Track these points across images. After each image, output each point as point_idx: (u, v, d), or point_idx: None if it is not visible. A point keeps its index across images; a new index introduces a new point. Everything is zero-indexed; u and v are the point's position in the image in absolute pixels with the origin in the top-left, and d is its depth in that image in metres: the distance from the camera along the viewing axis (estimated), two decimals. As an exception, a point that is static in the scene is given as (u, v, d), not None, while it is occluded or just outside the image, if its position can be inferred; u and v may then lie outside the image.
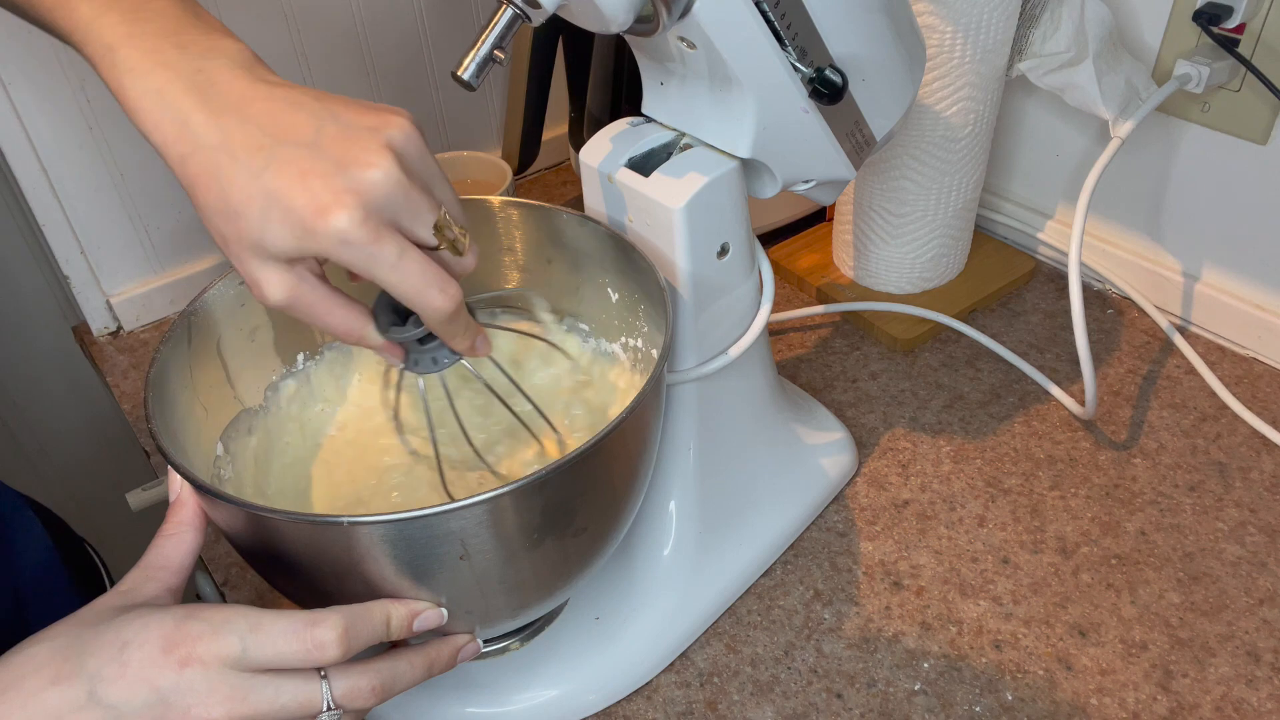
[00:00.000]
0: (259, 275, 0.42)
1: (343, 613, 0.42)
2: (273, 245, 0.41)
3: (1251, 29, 0.71)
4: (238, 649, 0.39)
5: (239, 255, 0.42)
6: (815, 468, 0.69)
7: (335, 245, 0.41)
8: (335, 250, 0.41)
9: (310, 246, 0.41)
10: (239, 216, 0.41)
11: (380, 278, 0.42)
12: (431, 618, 0.45)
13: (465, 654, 0.48)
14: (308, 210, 0.40)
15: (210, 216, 0.42)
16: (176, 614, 0.40)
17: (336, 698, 0.41)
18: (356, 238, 0.40)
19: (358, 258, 0.41)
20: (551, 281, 0.60)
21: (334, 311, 0.44)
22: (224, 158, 0.41)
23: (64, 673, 0.38)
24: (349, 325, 0.45)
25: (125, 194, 0.86)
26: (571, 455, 0.43)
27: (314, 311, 0.44)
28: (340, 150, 0.41)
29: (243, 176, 0.41)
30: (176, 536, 0.45)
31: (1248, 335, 0.79)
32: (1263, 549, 0.65)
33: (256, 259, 0.42)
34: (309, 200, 0.40)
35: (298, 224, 0.40)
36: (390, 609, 0.44)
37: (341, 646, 0.41)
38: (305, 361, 0.60)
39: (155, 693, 0.38)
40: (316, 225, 0.40)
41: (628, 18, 0.47)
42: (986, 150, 0.80)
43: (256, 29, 0.84)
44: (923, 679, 0.59)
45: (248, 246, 0.42)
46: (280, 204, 0.40)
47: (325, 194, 0.40)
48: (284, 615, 0.41)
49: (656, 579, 0.61)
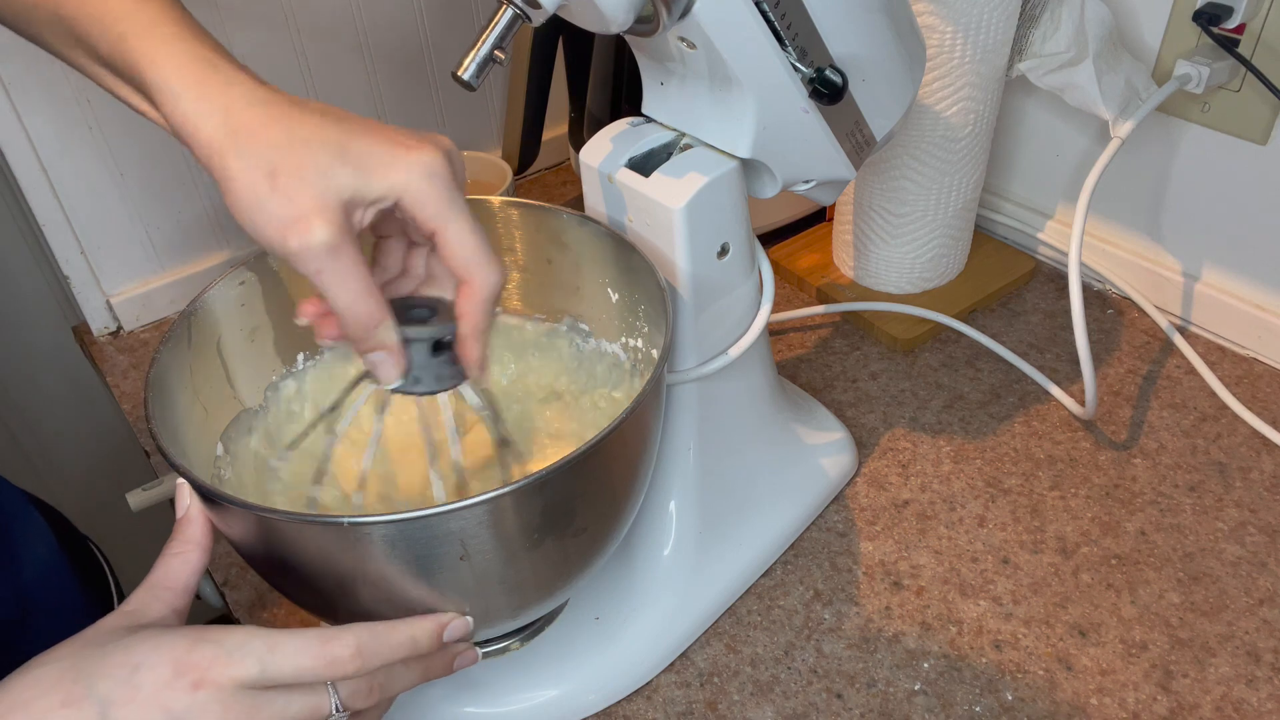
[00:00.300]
0: (310, 208, 0.40)
1: (358, 629, 0.42)
2: (342, 179, 0.40)
3: (1251, 29, 0.71)
4: (256, 670, 0.39)
5: (290, 187, 0.40)
6: (815, 468, 0.69)
7: (421, 175, 0.41)
8: (418, 181, 0.41)
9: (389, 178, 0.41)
10: (306, 148, 0.40)
11: (454, 224, 0.42)
12: (459, 627, 0.45)
13: (461, 662, 0.48)
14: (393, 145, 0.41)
15: (258, 151, 0.40)
16: (189, 636, 0.40)
17: (342, 699, 0.41)
18: (442, 171, 0.41)
19: (440, 192, 0.41)
20: (551, 281, 0.60)
21: (365, 284, 0.42)
22: (288, 106, 0.42)
23: (74, 695, 0.38)
24: (371, 308, 0.42)
25: (125, 194, 0.86)
26: (571, 455, 0.43)
27: (347, 274, 0.41)
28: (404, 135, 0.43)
29: (314, 119, 0.41)
30: (183, 556, 0.44)
31: (1248, 335, 0.79)
32: (1263, 549, 0.65)
33: (312, 191, 0.40)
34: (393, 140, 0.41)
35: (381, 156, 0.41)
36: (414, 628, 0.43)
37: (357, 662, 0.41)
38: (305, 361, 0.59)
39: (168, 715, 0.38)
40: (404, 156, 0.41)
41: (628, 18, 0.47)
42: (986, 150, 0.80)
43: (257, 29, 0.85)
44: (923, 679, 0.59)
45: (308, 176, 0.40)
46: (361, 142, 0.41)
47: (409, 139, 0.41)
48: (298, 634, 0.41)
49: (656, 579, 0.61)
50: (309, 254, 0.40)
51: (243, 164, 0.40)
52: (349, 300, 0.42)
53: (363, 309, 0.42)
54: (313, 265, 0.40)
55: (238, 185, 0.40)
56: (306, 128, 0.41)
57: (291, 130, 0.41)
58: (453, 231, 0.42)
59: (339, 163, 0.40)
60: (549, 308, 0.62)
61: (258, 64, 0.48)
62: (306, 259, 0.40)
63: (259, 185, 0.40)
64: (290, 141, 0.40)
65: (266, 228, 0.40)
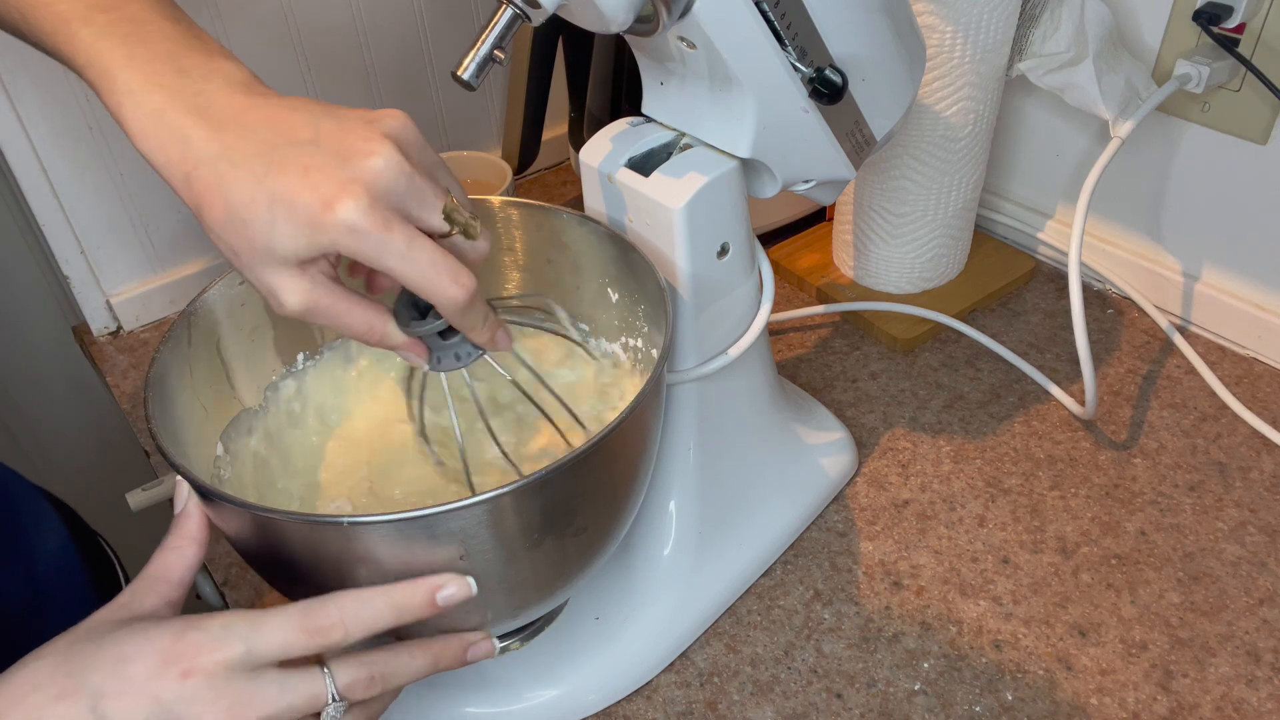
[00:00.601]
0: (274, 283, 0.42)
1: (342, 596, 0.42)
2: (283, 248, 0.41)
3: (1251, 29, 0.70)
4: (241, 650, 0.39)
5: (251, 266, 0.42)
6: (815, 468, 0.69)
7: (345, 236, 0.40)
8: (345, 241, 0.41)
9: (320, 242, 0.41)
10: (246, 224, 0.41)
11: (392, 268, 0.42)
12: (458, 591, 0.43)
13: (477, 653, 0.47)
14: (314, 205, 0.40)
15: (219, 232, 0.42)
16: (175, 626, 0.40)
17: (340, 688, 0.41)
18: (364, 225, 0.40)
19: (368, 247, 0.41)
20: (551, 281, 0.60)
21: (353, 311, 0.44)
22: (225, 166, 0.41)
23: (67, 689, 0.38)
24: (369, 325, 0.45)
25: (125, 194, 0.86)
26: (571, 455, 0.43)
27: (333, 314, 0.43)
28: (339, 143, 0.41)
29: (245, 182, 0.41)
30: (179, 550, 0.45)
31: (1248, 335, 0.79)
32: (1263, 549, 0.65)
33: (269, 266, 0.41)
34: (314, 195, 0.40)
35: (305, 220, 0.40)
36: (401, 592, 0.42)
37: (341, 630, 0.41)
38: (305, 361, 0.60)
39: (158, 706, 0.38)
40: (324, 218, 0.40)
41: (628, 18, 0.47)
42: (986, 150, 0.80)
43: (256, 29, 0.84)
44: (923, 679, 0.59)
45: (259, 254, 0.41)
46: (285, 203, 0.40)
47: (329, 186, 0.40)
48: (281, 609, 0.41)
49: (656, 579, 0.61)
50: (295, 313, 0.43)
51: (216, 241, 0.43)
52: (348, 329, 0.44)
53: (362, 328, 0.44)
54: (305, 317, 0.43)
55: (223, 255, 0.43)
56: (240, 195, 0.41)
57: (230, 200, 0.41)
58: (395, 273, 0.42)
59: (273, 233, 0.41)
60: (549, 308, 0.62)
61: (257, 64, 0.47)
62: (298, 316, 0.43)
63: (233, 262, 0.43)
64: (232, 218, 0.41)
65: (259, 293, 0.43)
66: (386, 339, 0.45)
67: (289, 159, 0.41)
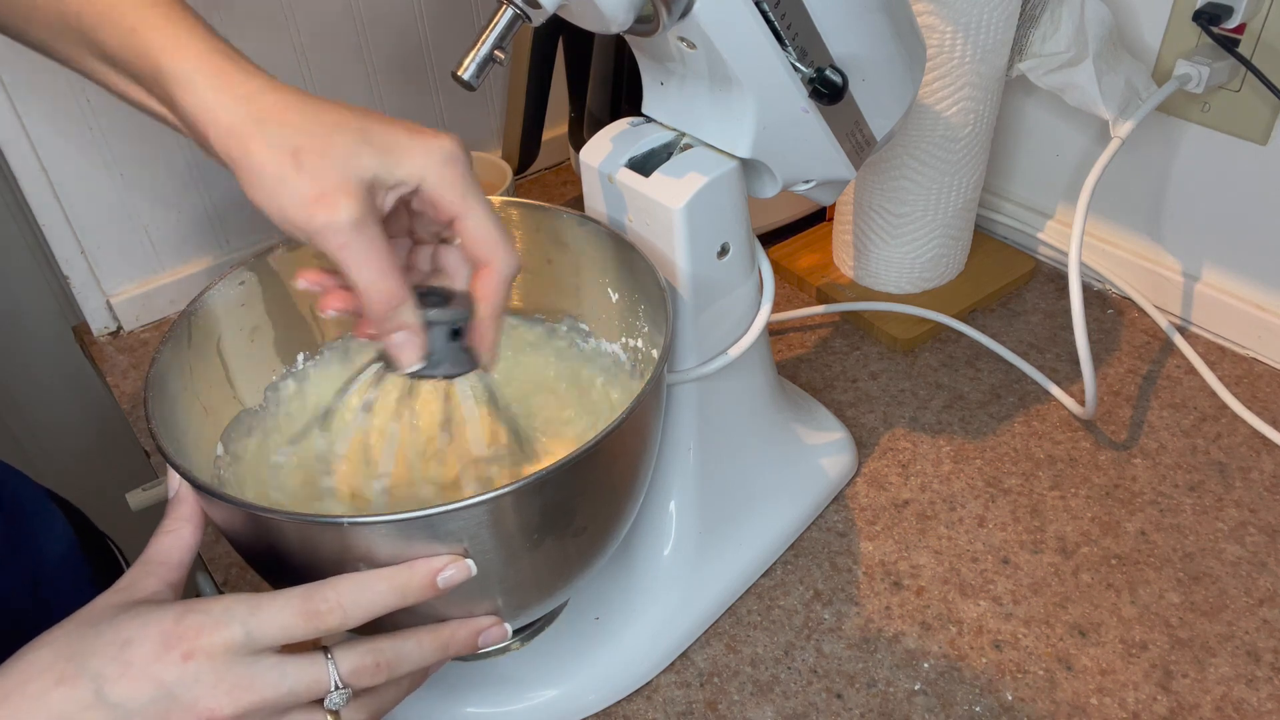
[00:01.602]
0: (335, 186, 0.41)
1: (341, 580, 0.41)
2: (365, 160, 0.41)
3: (1251, 29, 0.71)
4: (241, 634, 0.39)
5: (315, 167, 0.41)
6: (815, 468, 0.69)
7: (441, 161, 0.42)
8: (439, 167, 0.42)
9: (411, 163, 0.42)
10: (329, 132, 0.41)
11: (474, 208, 0.43)
12: (458, 572, 0.42)
13: (489, 638, 0.46)
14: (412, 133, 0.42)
15: (283, 134, 0.41)
16: (176, 609, 0.40)
17: (343, 675, 0.41)
18: (461, 157, 0.43)
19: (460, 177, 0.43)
20: (551, 281, 0.60)
21: (389, 262, 0.42)
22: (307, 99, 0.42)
23: (68, 674, 0.38)
24: (394, 288, 0.43)
25: (125, 194, 0.86)
26: (571, 455, 0.43)
27: (370, 252, 0.41)
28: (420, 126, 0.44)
29: (334, 110, 0.42)
30: (175, 533, 0.45)
31: (1248, 335, 0.79)
32: (1263, 549, 0.65)
33: (337, 171, 0.41)
34: (412, 129, 0.42)
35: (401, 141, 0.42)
36: (403, 575, 0.42)
37: (339, 614, 0.41)
38: (305, 361, 0.60)
39: (160, 688, 0.38)
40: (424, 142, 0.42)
41: (628, 18, 0.47)
42: (986, 150, 0.80)
43: (256, 29, 0.85)
44: (923, 679, 0.59)
45: (332, 158, 0.41)
46: (381, 128, 0.42)
47: (426, 129, 0.43)
48: (282, 593, 0.41)
49: (656, 579, 0.61)
50: (334, 229, 0.41)
51: (267, 146, 0.41)
52: (372, 278, 0.42)
53: (386, 287, 0.42)
54: (337, 240, 0.41)
55: (261, 167, 0.41)
56: (329, 114, 0.42)
57: (314, 116, 0.42)
58: (474, 215, 0.44)
59: (363, 146, 0.42)
60: (549, 308, 0.62)
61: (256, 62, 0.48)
62: (331, 234, 0.41)
63: (284, 166, 0.41)
64: (313, 126, 0.41)
65: (290, 206, 0.41)
66: (400, 313, 0.43)
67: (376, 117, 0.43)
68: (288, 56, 0.87)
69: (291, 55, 0.88)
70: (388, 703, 0.45)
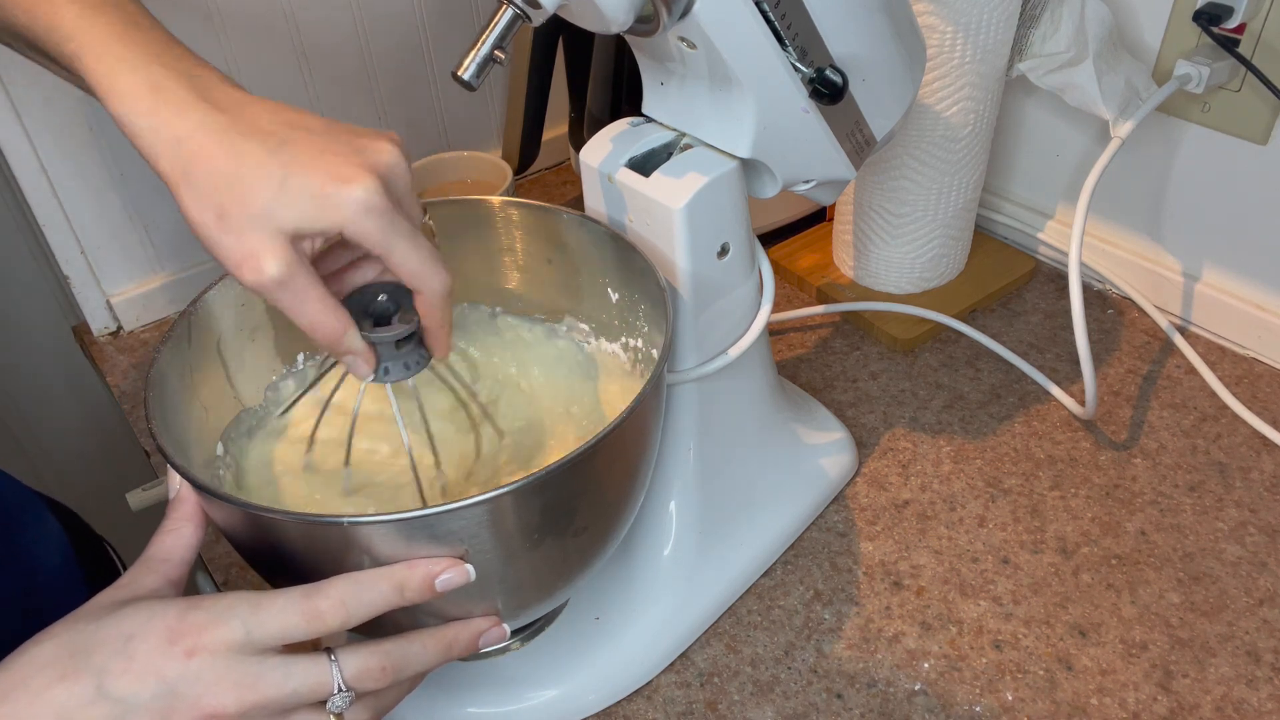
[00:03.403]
0: (258, 247, 0.41)
1: (341, 580, 0.42)
2: (284, 217, 0.41)
3: (1251, 29, 0.71)
4: (241, 633, 0.39)
5: (239, 227, 0.41)
6: (815, 468, 0.69)
7: (357, 214, 0.41)
8: (356, 220, 0.42)
9: (329, 218, 0.42)
10: (249, 186, 0.41)
11: (395, 250, 0.43)
12: (456, 576, 0.43)
13: (489, 638, 0.47)
14: (330, 180, 0.41)
15: (207, 192, 0.42)
16: (179, 605, 0.40)
17: (347, 678, 0.41)
18: (379, 205, 0.42)
19: (378, 227, 0.42)
20: (551, 281, 0.60)
21: (324, 302, 0.44)
22: (234, 136, 0.42)
23: (70, 669, 0.38)
24: (334, 323, 0.44)
25: (125, 194, 0.86)
26: (571, 455, 0.43)
27: (304, 297, 0.43)
28: (350, 135, 0.43)
29: (257, 150, 0.42)
30: (176, 531, 0.45)
31: (1248, 335, 0.79)
32: (1263, 549, 0.65)
33: (259, 231, 0.41)
34: (330, 172, 0.41)
35: (318, 194, 0.41)
36: (402, 574, 0.42)
37: (340, 614, 0.41)
38: (305, 361, 0.59)
39: (163, 684, 0.38)
40: (340, 194, 0.41)
41: (628, 18, 0.47)
42: (986, 150, 0.80)
43: (255, 29, 0.84)
44: (923, 679, 0.59)
45: (253, 217, 0.41)
46: (299, 175, 0.41)
47: (346, 167, 0.42)
48: (283, 592, 0.41)
49: (656, 579, 0.61)
50: (264, 287, 0.42)
51: (194, 203, 0.42)
52: (311, 320, 0.44)
53: (325, 325, 0.44)
54: (272, 295, 0.42)
55: (193, 223, 0.42)
56: (250, 160, 0.42)
57: (238, 162, 0.42)
58: (396, 255, 0.44)
59: (283, 197, 0.41)
60: (549, 308, 0.62)
61: (257, 63, 0.48)
62: (265, 290, 0.42)
63: (210, 225, 0.42)
64: (235, 179, 0.41)
65: (224, 262, 0.43)
66: (345, 341, 0.45)
67: (302, 140, 0.42)
68: (288, 57, 0.87)
69: (291, 56, 0.88)
70: (389, 704, 0.45)
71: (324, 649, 0.41)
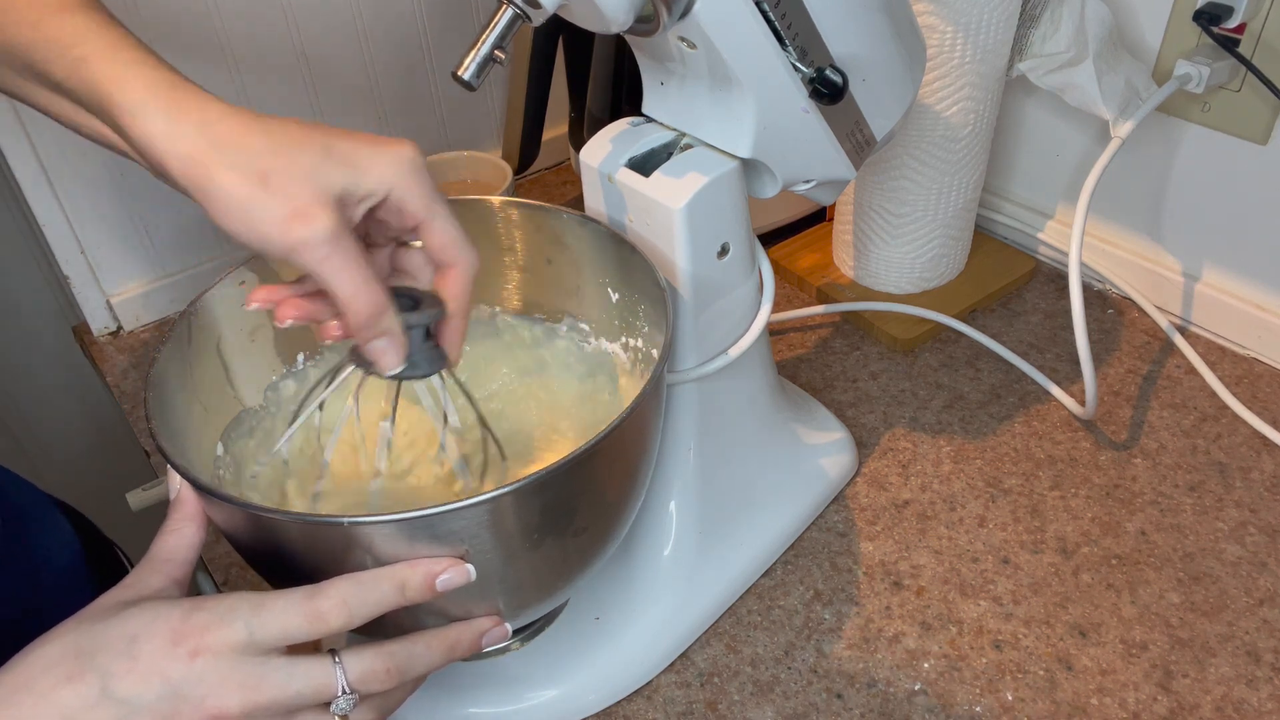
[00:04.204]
0: (309, 202, 0.41)
1: (343, 581, 0.42)
2: (333, 175, 0.42)
3: (1251, 29, 0.71)
4: (244, 634, 0.39)
5: (285, 185, 0.41)
6: (815, 468, 0.69)
7: (407, 171, 0.43)
8: (405, 176, 0.43)
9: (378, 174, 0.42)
10: (292, 152, 0.41)
11: (438, 214, 0.44)
12: (456, 576, 0.43)
13: (491, 638, 0.47)
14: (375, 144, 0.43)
15: (245, 160, 0.41)
16: (183, 606, 0.40)
17: (351, 680, 0.41)
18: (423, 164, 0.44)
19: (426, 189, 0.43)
20: (551, 281, 0.60)
21: (366, 272, 0.42)
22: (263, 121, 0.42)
23: (75, 671, 0.38)
24: (376, 296, 0.43)
25: (125, 194, 0.86)
26: (572, 455, 0.43)
27: (349, 262, 0.42)
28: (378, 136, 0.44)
29: (291, 129, 0.42)
30: (178, 531, 0.45)
31: (1248, 335, 0.79)
32: (1263, 549, 0.65)
33: (308, 186, 0.41)
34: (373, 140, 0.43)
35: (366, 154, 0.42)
36: (403, 573, 0.42)
37: (342, 614, 0.41)
38: (305, 361, 0.59)
39: (167, 685, 0.38)
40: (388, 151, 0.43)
41: (628, 18, 0.47)
42: (986, 150, 0.80)
43: (255, 29, 0.84)
44: (923, 679, 0.59)
45: (302, 174, 0.41)
46: (342, 143, 0.42)
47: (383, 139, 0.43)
48: (285, 593, 0.41)
49: (656, 579, 0.61)
50: (313, 244, 0.41)
51: (232, 172, 0.41)
52: (355, 289, 0.42)
53: (368, 296, 0.43)
54: (318, 254, 0.41)
55: (229, 193, 0.41)
56: (288, 133, 0.42)
57: (274, 136, 0.42)
58: (439, 220, 0.45)
59: (328, 161, 0.42)
60: (549, 308, 0.62)
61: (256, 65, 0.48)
62: (311, 249, 0.41)
63: (253, 188, 0.41)
64: (276, 146, 0.41)
65: (265, 226, 0.41)
66: (383, 320, 0.44)
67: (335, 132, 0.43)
68: (288, 58, 0.87)
69: (291, 56, 0.88)
70: (393, 705, 0.45)
71: (328, 651, 0.41)
